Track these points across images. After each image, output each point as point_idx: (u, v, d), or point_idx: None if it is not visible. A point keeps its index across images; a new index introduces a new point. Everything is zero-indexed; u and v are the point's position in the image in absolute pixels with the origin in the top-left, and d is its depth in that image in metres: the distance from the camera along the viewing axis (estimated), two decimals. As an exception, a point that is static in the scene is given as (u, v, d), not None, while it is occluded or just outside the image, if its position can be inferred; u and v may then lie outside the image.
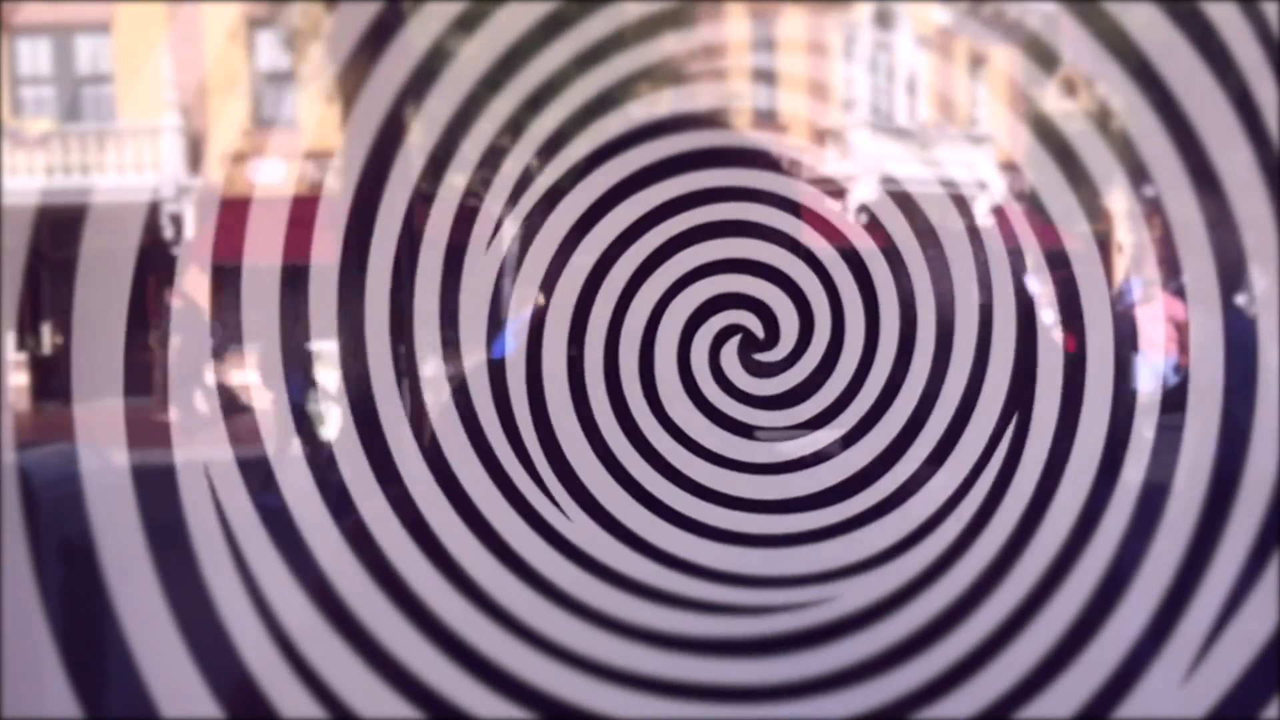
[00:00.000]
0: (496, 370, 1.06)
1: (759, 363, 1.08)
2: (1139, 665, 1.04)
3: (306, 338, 1.10)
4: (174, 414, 1.15)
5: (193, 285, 1.22)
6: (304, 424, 1.13)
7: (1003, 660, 1.05)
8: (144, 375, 1.18)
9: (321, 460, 1.08)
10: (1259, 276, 1.06)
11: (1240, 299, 1.08)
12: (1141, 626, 1.04)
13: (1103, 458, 1.07)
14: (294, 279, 1.10)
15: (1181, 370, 1.11)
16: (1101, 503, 1.06)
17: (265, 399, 1.13)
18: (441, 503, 1.04)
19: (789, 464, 1.09)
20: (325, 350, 1.11)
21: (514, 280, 1.10)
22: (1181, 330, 1.11)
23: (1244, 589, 1.04)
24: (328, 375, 1.11)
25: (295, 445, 1.10)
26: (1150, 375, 1.15)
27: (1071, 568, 1.05)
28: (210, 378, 1.19)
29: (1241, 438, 1.03)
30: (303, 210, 1.12)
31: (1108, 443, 1.07)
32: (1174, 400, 1.08)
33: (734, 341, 1.07)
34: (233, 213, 1.15)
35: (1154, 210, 1.10)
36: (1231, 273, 1.06)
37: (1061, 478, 1.07)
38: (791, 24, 1.25)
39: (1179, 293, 1.11)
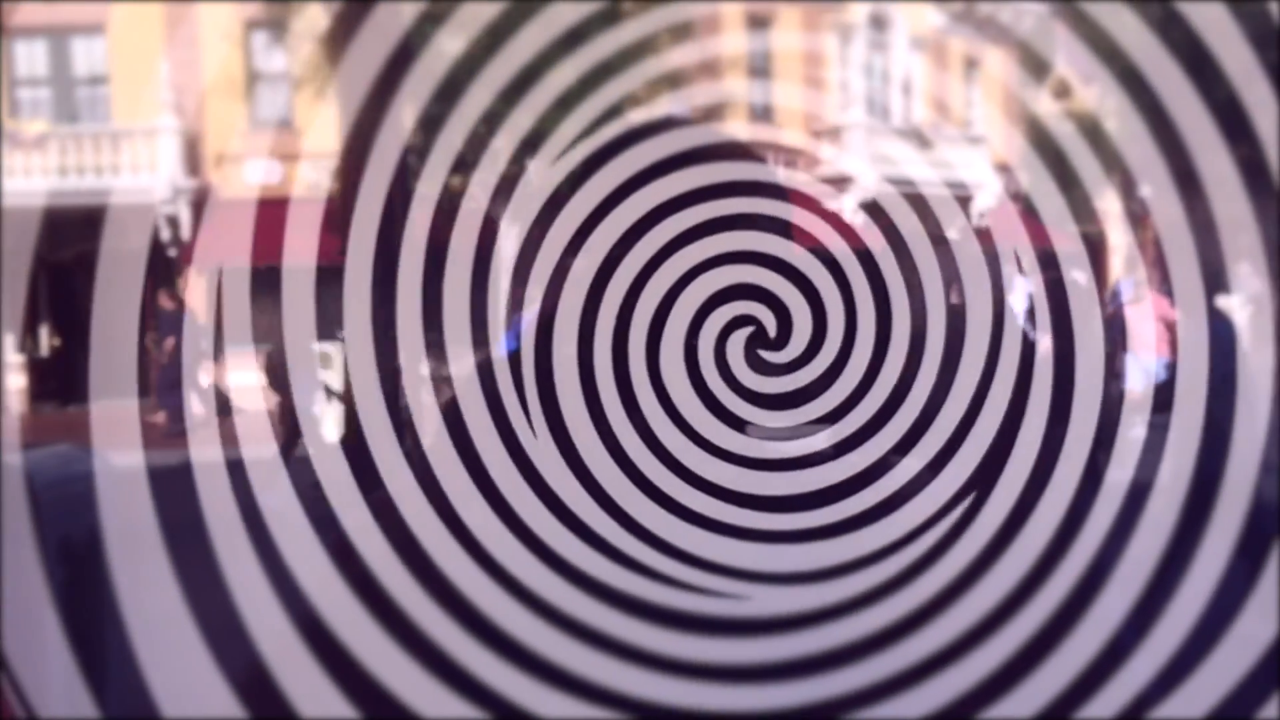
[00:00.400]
0: (503, 367, 1.07)
1: (762, 360, 1.09)
2: (1120, 658, 1.05)
3: (318, 337, 1.12)
4: (169, 415, 1.15)
5: (191, 287, 1.22)
6: (313, 421, 1.13)
7: (980, 655, 1.06)
8: (142, 376, 1.18)
9: (342, 452, 1.10)
10: (1250, 278, 1.07)
11: (1220, 301, 1.09)
12: (1121, 621, 1.05)
13: (1087, 457, 1.08)
14: (304, 279, 1.11)
15: (1172, 368, 1.12)
16: (1086, 501, 1.07)
17: (278, 398, 1.14)
18: (455, 489, 1.06)
19: (789, 462, 1.10)
20: (331, 351, 1.12)
21: (511, 280, 1.11)
22: (1172, 329, 1.12)
23: (1232, 589, 1.04)
24: (334, 375, 1.12)
25: (306, 440, 1.12)
26: (1141, 374, 1.16)
27: (1054, 565, 1.06)
28: (207, 379, 1.20)
29: (1222, 437, 1.04)
30: (307, 212, 1.13)
31: (1085, 442, 1.09)
32: (1163, 399, 1.09)
33: (721, 335, 1.09)
34: (233, 214, 1.15)
35: (1144, 212, 1.11)
36: (1213, 275, 1.07)
37: (1047, 477, 1.08)
38: (787, 26, 1.26)
39: (1170, 293, 1.12)
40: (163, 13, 1.27)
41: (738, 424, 1.09)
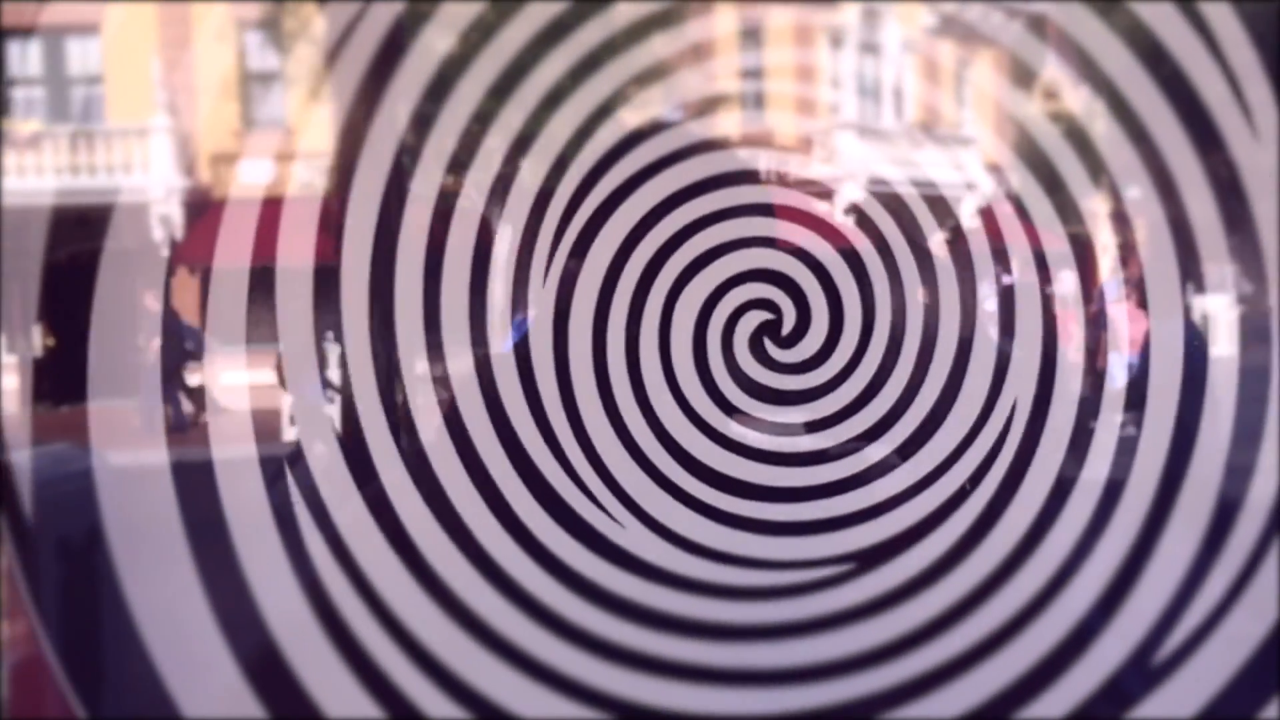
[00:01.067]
0: (505, 363, 1.10)
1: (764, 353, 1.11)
2: (1084, 647, 1.06)
3: (325, 338, 1.12)
4: (148, 415, 1.15)
5: (179, 287, 1.22)
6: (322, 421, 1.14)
7: (941, 646, 1.07)
8: (135, 376, 1.18)
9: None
10: (1241, 280, 1.08)
11: (1202, 302, 1.10)
12: (1086, 614, 1.06)
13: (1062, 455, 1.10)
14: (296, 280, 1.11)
15: (1145, 367, 1.13)
16: (1060, 499, 1.08)
17: (289, 397, 1.15)
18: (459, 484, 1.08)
19: (779, 457, 1.11)
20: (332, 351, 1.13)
21: (513, 281, 1.12)
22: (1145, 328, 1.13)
23: (1201, 585, 1.05)
24: (337, 374, 1.13)
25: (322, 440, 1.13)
26: (1124, 374, 1.17)
27: (1020, 561, 1.07)
28: (195, 379, 1.20)
29: (1189, 436, 1.05)
30: (304, 212, 1.13)
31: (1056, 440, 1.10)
32: (1135, 397, 1.11)
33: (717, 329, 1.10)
34: (229, 214, 1.15)
35: (1125, 213, 1.12)
36: (1187, 278, 1.08)
37: (1024, 473, 1.09)
38: (780, 24, 1.27)
39: (1142, 293, 1.13)
40: (156, 13, 1.27)
41: (727, 407, 1.11)
